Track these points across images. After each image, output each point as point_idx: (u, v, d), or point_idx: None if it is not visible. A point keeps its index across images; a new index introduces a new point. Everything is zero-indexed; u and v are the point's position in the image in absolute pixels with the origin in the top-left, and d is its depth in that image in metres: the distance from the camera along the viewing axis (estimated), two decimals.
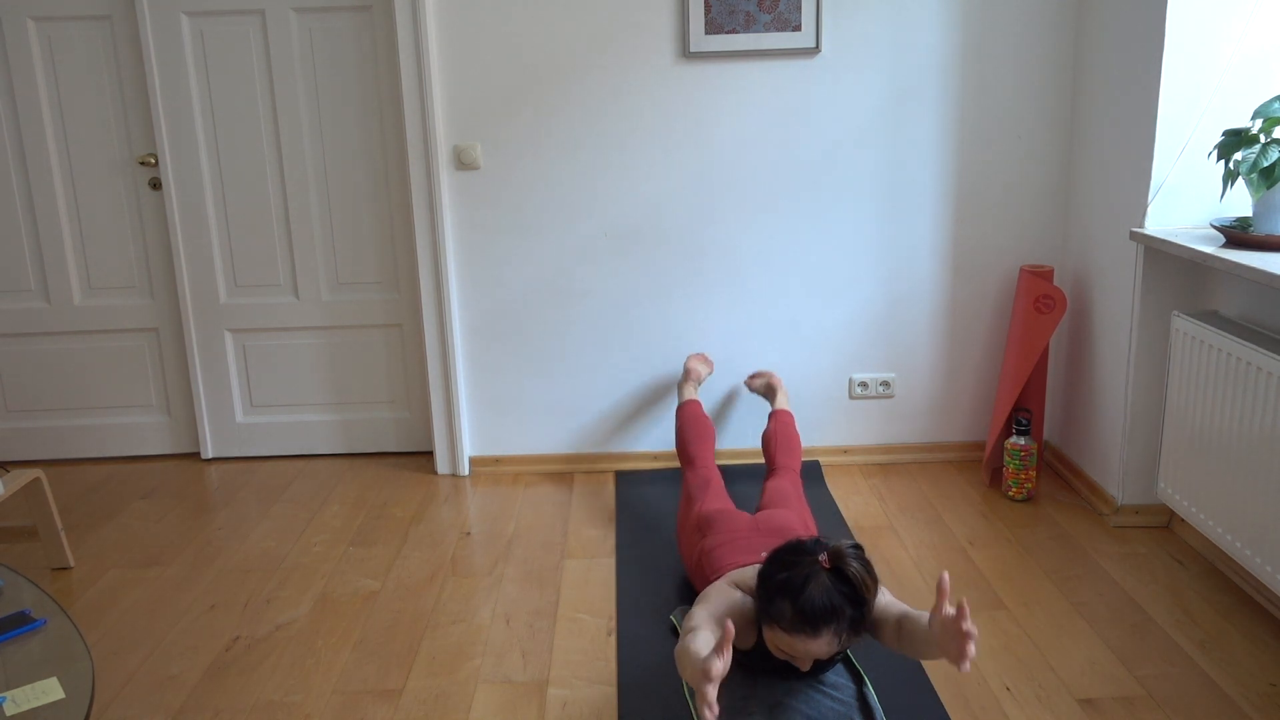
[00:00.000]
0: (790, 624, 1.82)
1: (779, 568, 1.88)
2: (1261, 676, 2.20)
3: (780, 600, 1.83)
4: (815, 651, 1.85)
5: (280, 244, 3.47)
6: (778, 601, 1.84)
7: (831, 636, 1.82)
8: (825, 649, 1.85)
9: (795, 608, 1.81)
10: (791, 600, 1.81)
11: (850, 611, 1.82)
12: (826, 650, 1.85)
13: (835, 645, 1.86)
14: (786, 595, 1.82)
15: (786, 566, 1.87)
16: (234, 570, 2.84)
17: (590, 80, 3.17)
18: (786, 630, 1.84)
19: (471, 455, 3.48)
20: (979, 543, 2.86)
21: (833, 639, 1.83)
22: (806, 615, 1.80)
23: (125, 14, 3.30)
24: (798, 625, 1.81)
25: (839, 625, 1.82)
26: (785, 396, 3.21)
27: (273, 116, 3.36)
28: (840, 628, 1.82)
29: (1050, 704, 2.13)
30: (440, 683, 2.28)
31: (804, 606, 1.80)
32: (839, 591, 1.82)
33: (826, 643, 1.83)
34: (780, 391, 3.22)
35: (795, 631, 1.82)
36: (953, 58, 3.14)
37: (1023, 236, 3.28)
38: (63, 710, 1.65)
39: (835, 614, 1.81)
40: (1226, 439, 2.42)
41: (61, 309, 3.56)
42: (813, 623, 1.80)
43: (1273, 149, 2.34)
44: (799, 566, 1.85)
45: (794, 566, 1.86)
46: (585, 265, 3.32)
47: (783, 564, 1.88)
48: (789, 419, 3.06)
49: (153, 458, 3.70)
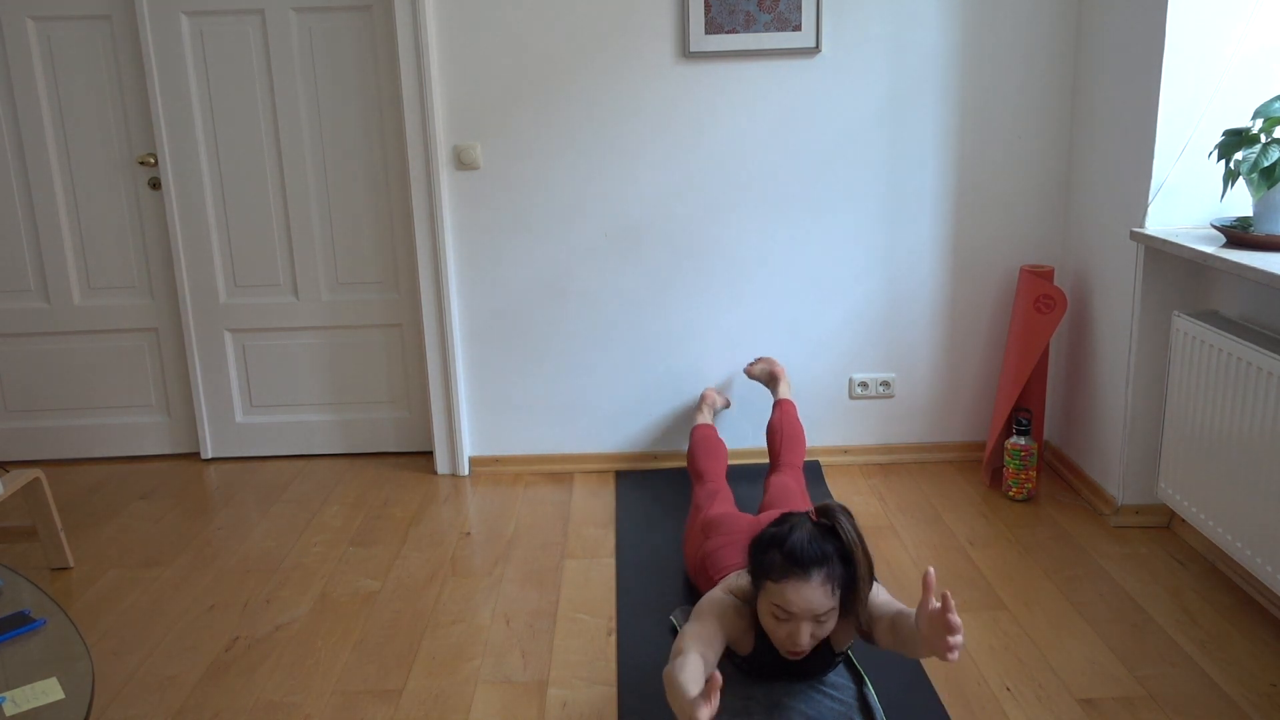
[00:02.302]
0: (781, 570, 1.85)
1: (768, 527, 1.96)
2: (1262, 676, 2.20)
3: (770, 551, 1.89)
4: (813, 601, 1.84)
5: (280, 244, 3.47)
6: (768, 554, 1.89)
7: (824, 581, 1.85)
8: (821, 598, 1.85)
9: (784, 552, 1.86)
10: (779, 547, 1.87)
11: (839, 562, 1.87)
12: (823, 601, 1.85)
13: (831, 599, 1.86)
14: (775, 545, 1.88)
15: (775, 525, 1.95)
16: (234, 570, 2.84)
17: (590, 80, 3.17)
18: (778, 579, 1.86)
19: (471, 455, 3.48)
20: (979, 543, 2.86)
21: (825, 585, 1.85)
22: (796, 556, 1.85)
23: (125, 14, 3.30)
24: (788, 569, 1.85)
25: (829, 570, 1.85)
26: (787, 385, 3.21)
27: (273, 116, 3.35)
28: (832, 573, 1.86)
29: (1050, 704, 2.13)
30: (440, 683, 2.28)
31: (792, 548, 1.85)
32: (826, 540, 1.88)
33: (820, 588, 1.84)
34: (782, 380, 3.22)
35: (786, 576, 1.85)
36: (953, 58, 3.14)
37: (1023, 236, 3.28)
38: (63, 710, 1.65)
39: (823, 555, 1.85)
40: (1227, 439, 2.42)
41: (61, 309, 3.56)
42: (802, 563, 1.84)
43: (1273, 149, 2.34)
44: (786, 523, 1.93)
45: (781, 523, 1.93)
46: (585, 265, 3.32)
47: (772, 524, 1.96)
48: (793, 410, 3.06)
49: (152, 458, 3.70)
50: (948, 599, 1.66)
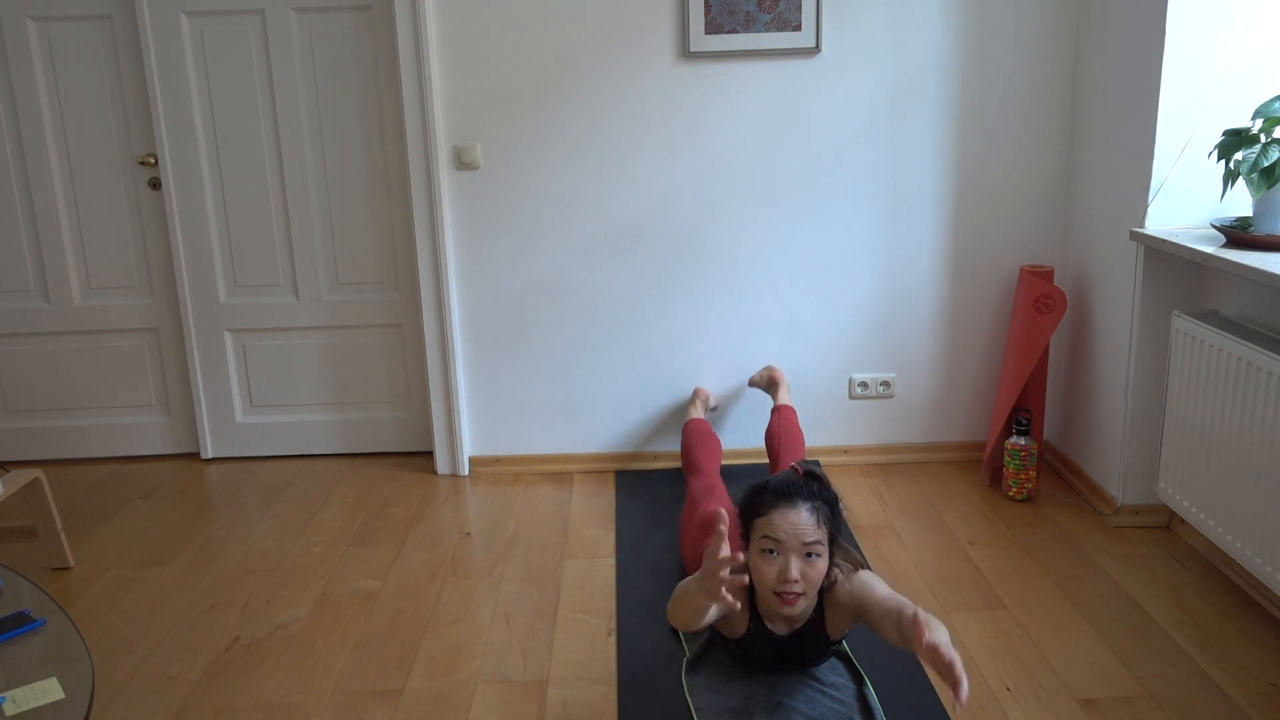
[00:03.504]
0: (769, 502, 1.93)
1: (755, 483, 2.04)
2: (1261, 676, 2.20)
3: (758, 497, 1.97)
4: (799, 526, 1.89)
5: (280, 244, 3.47)
6: (756, 499, 1.97)
7: (811, 511, 1.91)
8: (807, 523, 1.90)
9: (770, 488, 1.96)
10: (765, 485, 1.97)
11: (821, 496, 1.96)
12: (810, 529, 1.90)
13: (820, 531, 1.92)
14: (762, 488, 1.98)
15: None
16: (234, 570, 2.84)
17: (590, 80, 3.17)
18: (766, 511, 1.92)
19: (471, 455, 3.48)
20: (979, 543, 2.85)
21: (813, 514, 1.92)
22: (782, 489, 1.94)
23: (125, 14, 3.30)
24: (775, 500, 1.92)
25: (814, 503, 1.93)
26: (787, 390, 3.22)
27: (273, 116, 3.35)
28: (817, 506, 1.93)
29: (1050, 704, 2.13)
30: (440, 683, 2.28)
31: (778, 484, 1.96)
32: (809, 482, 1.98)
33: (807, 515, 1.91)
34: (782, 385, 3.22)
35: (774, 506, 1.92)
36: (953, 58, 3.14)
37: (1023, 236, 3.28)
38: (63, 710, 1.65)
39: (810, 490, 1.95)
40: (1227, 439, 2.42)
41: (61, 309, 3.56)
42: (788, 494, 1.93)
43: (1273, 149, 2.34)
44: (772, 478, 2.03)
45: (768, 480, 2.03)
46: (585, 265, 3.32)
47: None
48: (792, 415, 3.07)
49: (152, 458, 3.70)
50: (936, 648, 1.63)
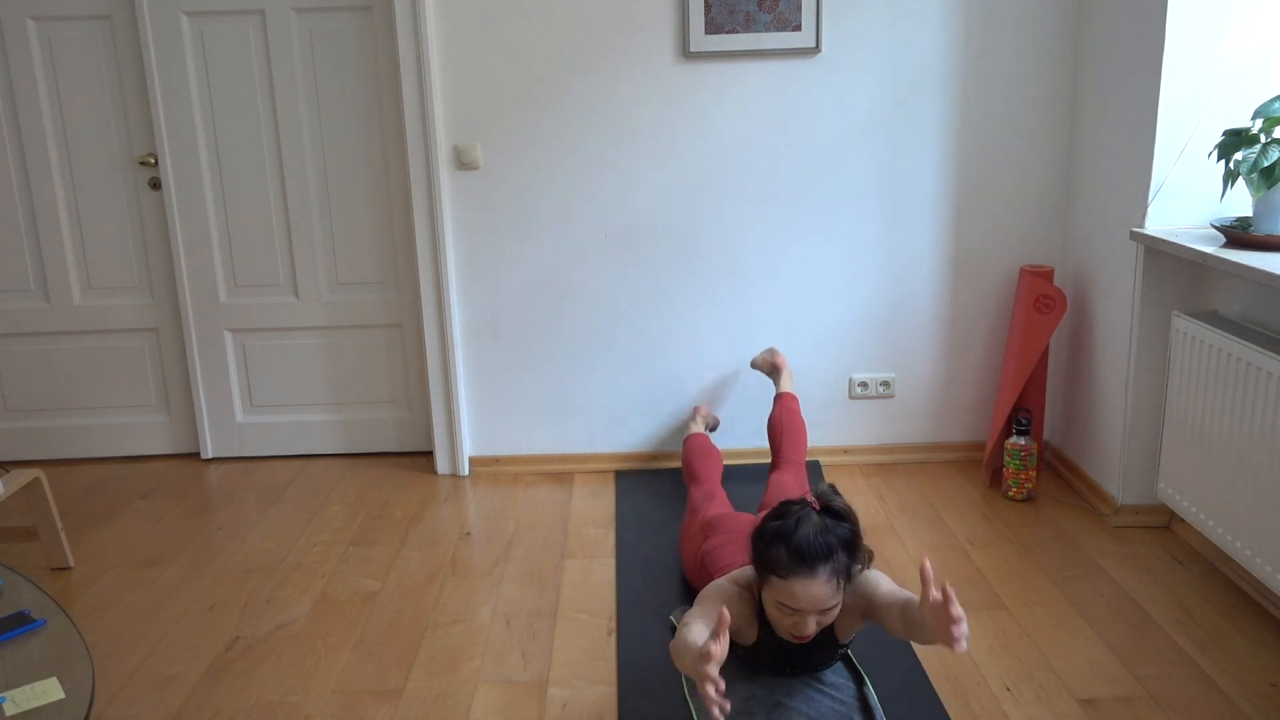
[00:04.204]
0: (788, 566, 1.86)
1: (771, 519, 1.94)
2: (1262, 676, 2.20)
3: (775, 546, 1.88)
4: (818, 597, 1.85)
5: (280, 244, 3.47)
6: (773, 549, 1.88)
7: (829, 576, 1.85)
8: (826, 593, 1.86)
9: (790, 547, 1.86)
10: (785, 542, 1.87)
11: (843, 549, 1.87)
12: (828, 595, 1.86)
13: (835, 593, 1.87)
14: (780, 539, 1.88)
15: (777, 517, 1.93)
16: (234, 570, 2.84)
17: (590, 80, 3.17)
18: (784, 575, 1.86)
19: (471, 455, 3.48)
20: (979, 543, 2.86)
21: (831, 580, 1.86)
22: (803, 553, 1.85)
23: (125, 14, 3.30)
24: (795, 565, 1.85)
25: (835, 564, 1.86)
26: (789, 377, 3.21)
27: (273, 116, 3.35)
28: (837, 566, 1.86)
29: (1050, 704, 2.13)
30: (440, 683, 2.28)
31: (799, 544, 1.85)
32: (831, 529, 1.88)
33: (826, 584, 1.85)
34: (784, 371, 3.21)
35: (793, 573, 1.85)
36: (953, 58, 3.14)
37: (1023, 236, 3.28)
38: (63, 710, 1.65)
39: (829, 550, 1.86)
40: (1226, 439, 2.42)
41: (61, 309, 3.56)
42: (809, 560, 1.84)
43: (1273, 149, 2.34)
44: (789, 515, 1.92)
45: (785, 515, 1.92)
46: (585, 265, 3.32)
47: (774, 516, 1.95)
48: (794, 404, 3.06)
49: (152, 458, 3.70)
50: (948, 591, 1.68)
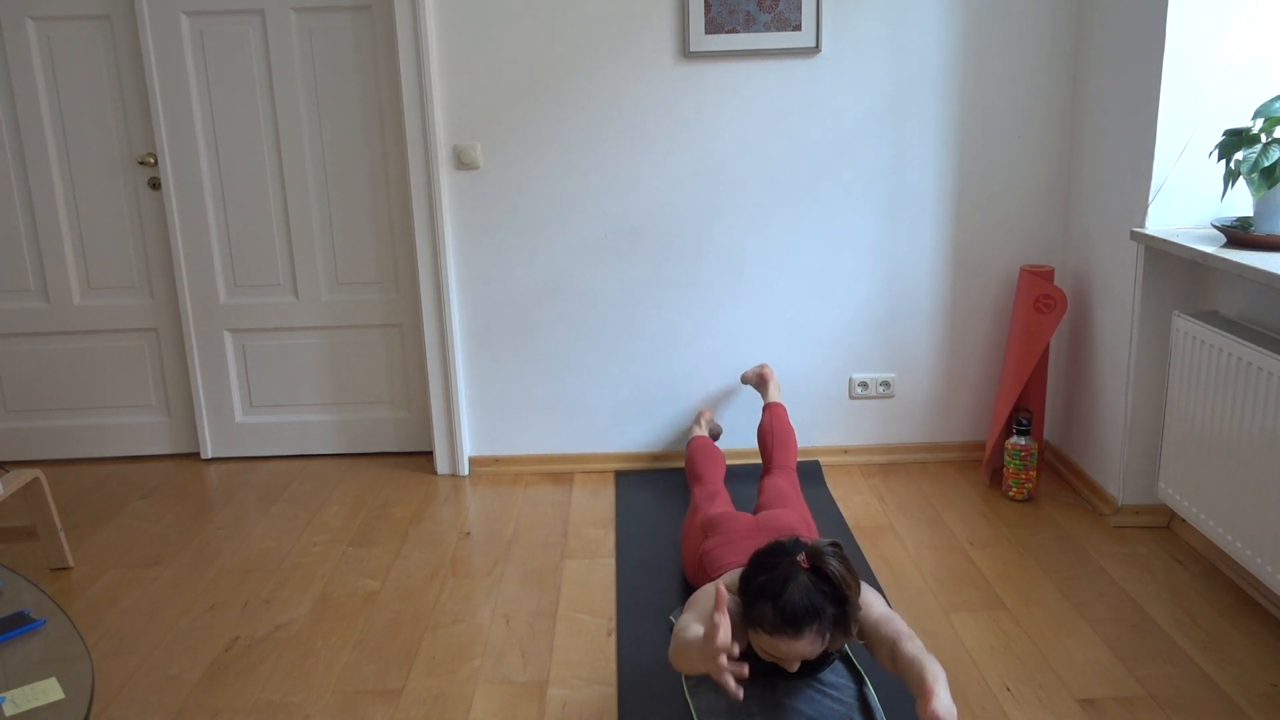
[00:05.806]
0: (772, 626, 1.81)
1: (758, 571, 1.88)
2: (1262, 676, 2.20)
3: (761, 603, 1.83)
4: (800, 652, 1.84)
5: (280, 244, 3.47)
6: (759, 604, 1.83)
7: (814, 636, 1.81)
8: (809, 649, 1.83)
9: (775, 609, 1.80)
10: (772, 602, 1.81)
11: (831, 610, 1.82)
12: (810, 650, 1.84)
13: (819, 645, 1.85)
14: (766, 597, 1.82)
15: (766, 569, 1.86)
16: (234, 570, 2.84)
17: (590, 80, 3.17)
18: (769, 633, 1.82)
19: (471, 455, 3.48)
20: (979, 543, 2.85)
21: (815, 639, 1.82)
22: (787, 616, 1.79)
23: (125, 14, 3.30)
24: (779, 627, 1.80)
25: (820, 625, 1.81)
26: (777, 388, 3.22)
27: (272, 116, 3.35)
28: (823, 627, 1.81)
29: (1050, 704, 2.13)
30: (440, 683, 2.28)
31: (784, 607, 1.80)
32: (819, 590, 1.82)
33: (809, 643, 1.82)
34: (772, 383, 3.23)
35: (777, 633, 1.81)
36: (953, 57, 3.14)
37: (1023, 236, 3.28)
38: (62, 710, 1.65)
39: (815, 613, 1.80)
40: (1227, 439, 2.42)
41: (61, 309, 3.56)
42: (794, 623, 1.79)
43: (1274, 149, 2.34)
44: (778, 569, 1.85)
45: (773, 569, 1.85)
46: (585, 265, 3.32)
47: (762, 567, 1.88)
48: (783, 413, 3.07)
49: (152, 458, 3.70)
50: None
